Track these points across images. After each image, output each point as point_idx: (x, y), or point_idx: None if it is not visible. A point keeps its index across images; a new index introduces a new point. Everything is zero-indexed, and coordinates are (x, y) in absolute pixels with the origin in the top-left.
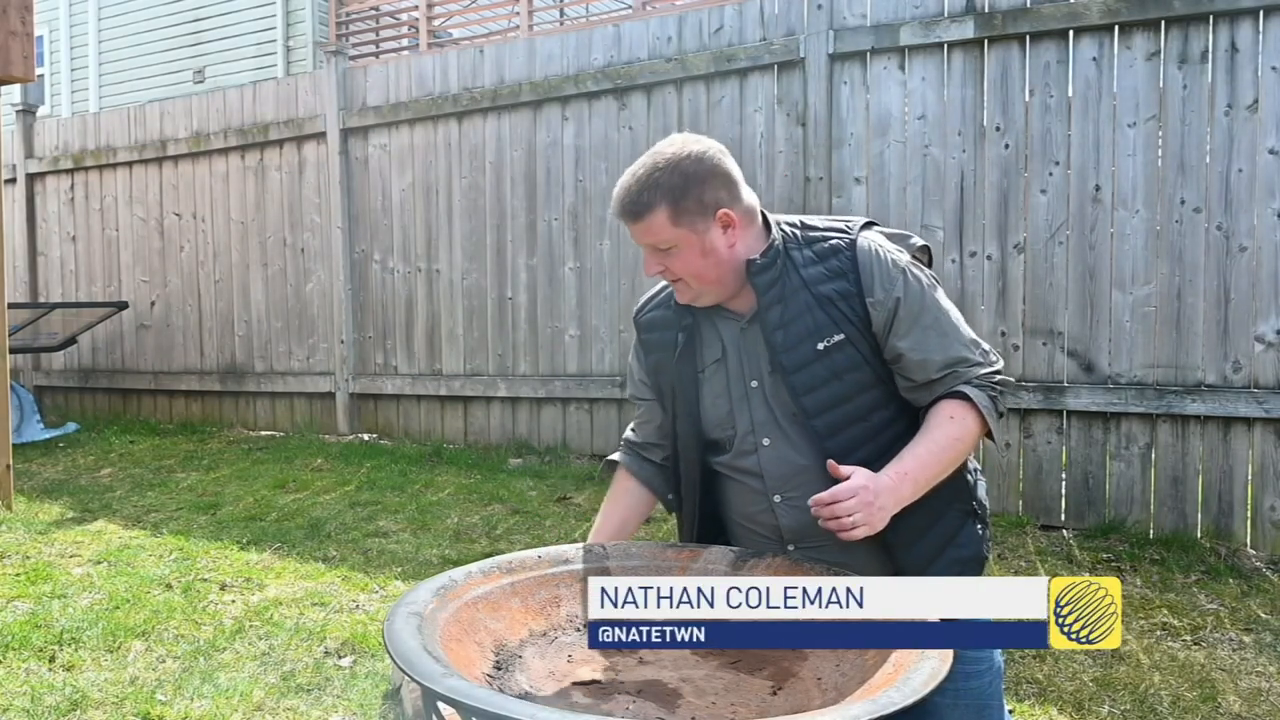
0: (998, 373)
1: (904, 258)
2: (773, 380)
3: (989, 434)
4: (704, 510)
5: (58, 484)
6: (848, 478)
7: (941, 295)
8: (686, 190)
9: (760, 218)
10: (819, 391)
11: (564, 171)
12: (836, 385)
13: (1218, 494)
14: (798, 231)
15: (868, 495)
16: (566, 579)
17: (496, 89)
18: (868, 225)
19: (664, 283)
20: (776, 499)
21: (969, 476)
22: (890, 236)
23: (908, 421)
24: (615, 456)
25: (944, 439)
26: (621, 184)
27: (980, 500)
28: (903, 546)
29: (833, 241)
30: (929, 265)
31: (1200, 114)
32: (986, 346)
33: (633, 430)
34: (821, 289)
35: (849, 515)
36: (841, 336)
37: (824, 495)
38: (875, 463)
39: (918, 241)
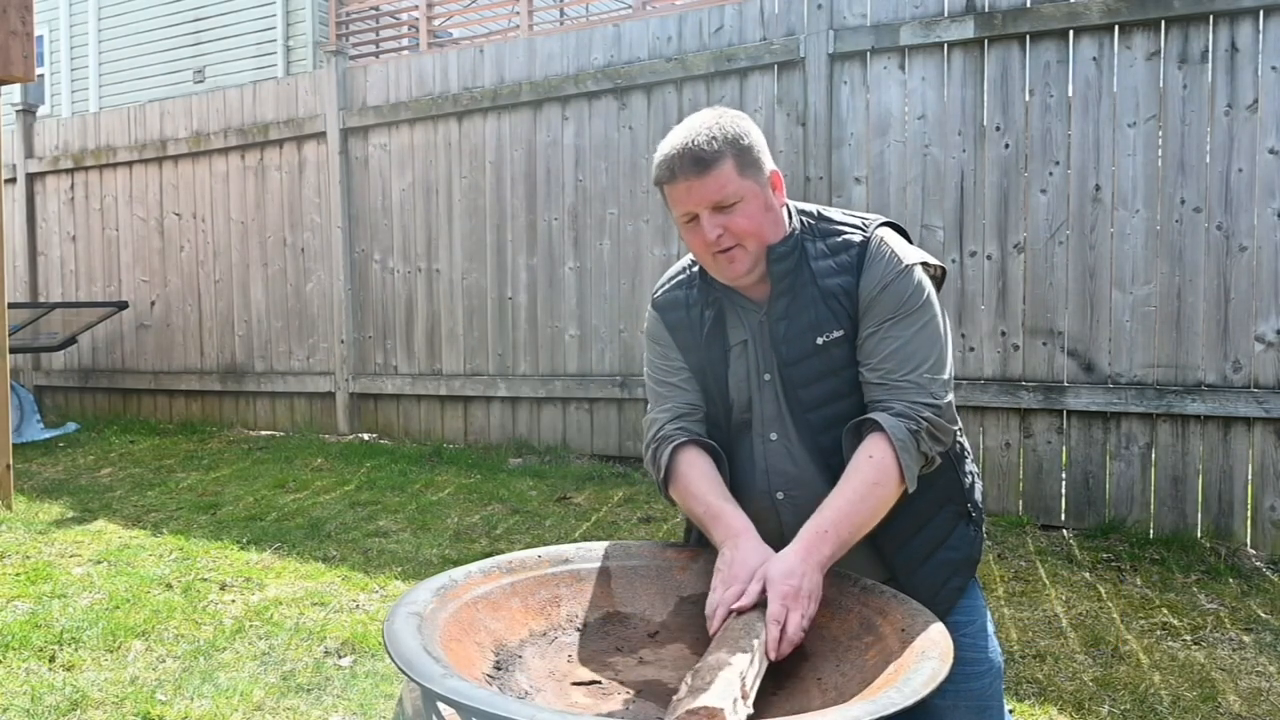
0: (934, 409)
1: (913, 256)
2: (780, 374)
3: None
4: None
5: (58, 484)
6: (751, 604)
7: (929, 312)
8: (749, 143)
9: None
10: (816, 385)
11: (564, 171)
12: (833, 381)
13: (1218, 494)
14: (813, 222)
15: (789, 591)
16: (567, 579)
17: (496, 89)
18: (887, 224)
19: (679, 265)
20: (779, 495)
21: (965, 478)
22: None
23: None
24: (672, 440)
25: (861, 485)
26: (678, 142)
27: (975, 502)
28: (894, 547)
29: (846, 236)
30: (939, 284)
31: (1200, 114)
32: (944, 379)
33: (673, 411)
34: (827, 283)
35: (798, 628)
36: (841, 333)
37: (769, 640)
38: None
39: (927, 255)
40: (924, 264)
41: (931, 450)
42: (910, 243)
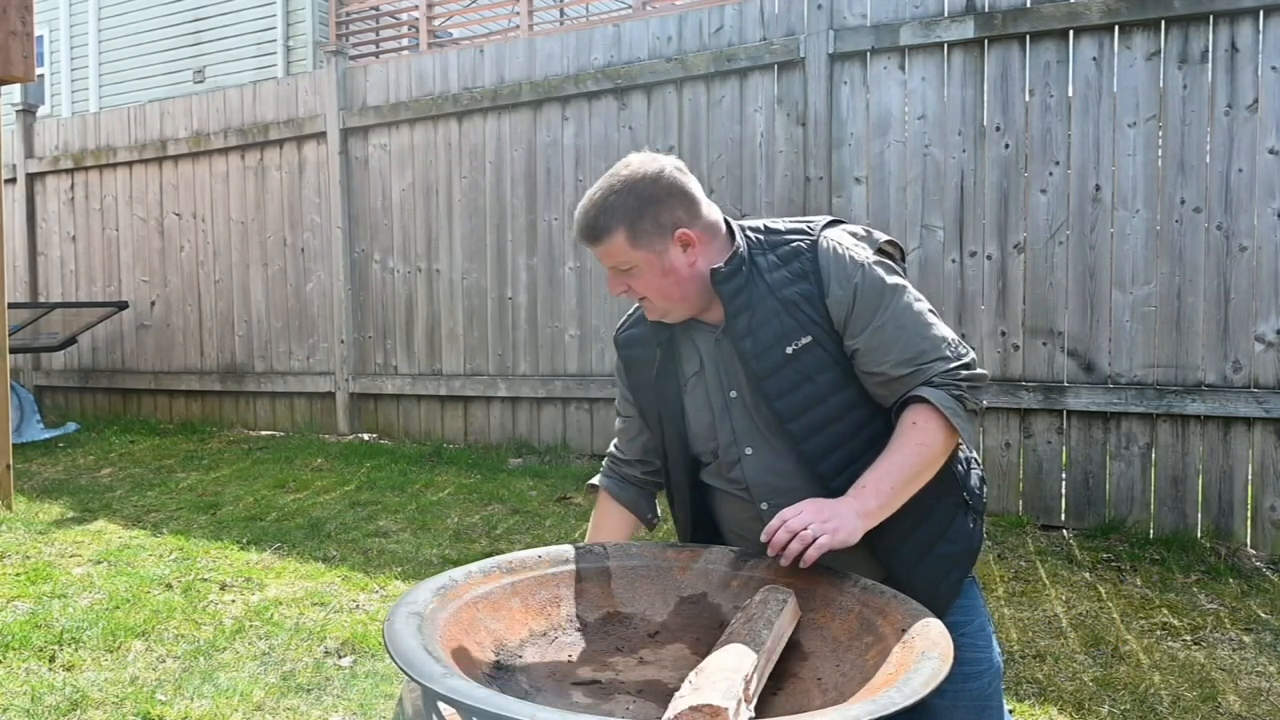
0: (965, 367)
1: (865, 254)
2: (751, 389)
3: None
4: (697, 521)
5: (58, 484)
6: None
7: (906, 292)
8: (642, 212)
9: (724, 228)
10: (792, 395)
11: (564, 171)
12: (809, 387)
13: (1218, 494)
14: (761, 236)
15: (813, 506)
16: (567, 579)
17: (496, 89)
18: (832, 223)
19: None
20: (764, 506)
21: (959, 466)
22: (854, 234)
23: (886, 418)
24: (596, 480)
25: (905, 446)
26: (580, 208)
27: (972, 490)
28: (893, 543)
29: (795, 244)
30: (902, 259)
31: (1200, 114)
32: (953, 338)
33: (616, 447)
34: (785, 293)
35: (804, 528)
36: (809, 339)
37: (773, 522)
38: (856, 461)
39: (881, 236)
40: (880, 249)
41: (978, 404)
42: (849, 233)
